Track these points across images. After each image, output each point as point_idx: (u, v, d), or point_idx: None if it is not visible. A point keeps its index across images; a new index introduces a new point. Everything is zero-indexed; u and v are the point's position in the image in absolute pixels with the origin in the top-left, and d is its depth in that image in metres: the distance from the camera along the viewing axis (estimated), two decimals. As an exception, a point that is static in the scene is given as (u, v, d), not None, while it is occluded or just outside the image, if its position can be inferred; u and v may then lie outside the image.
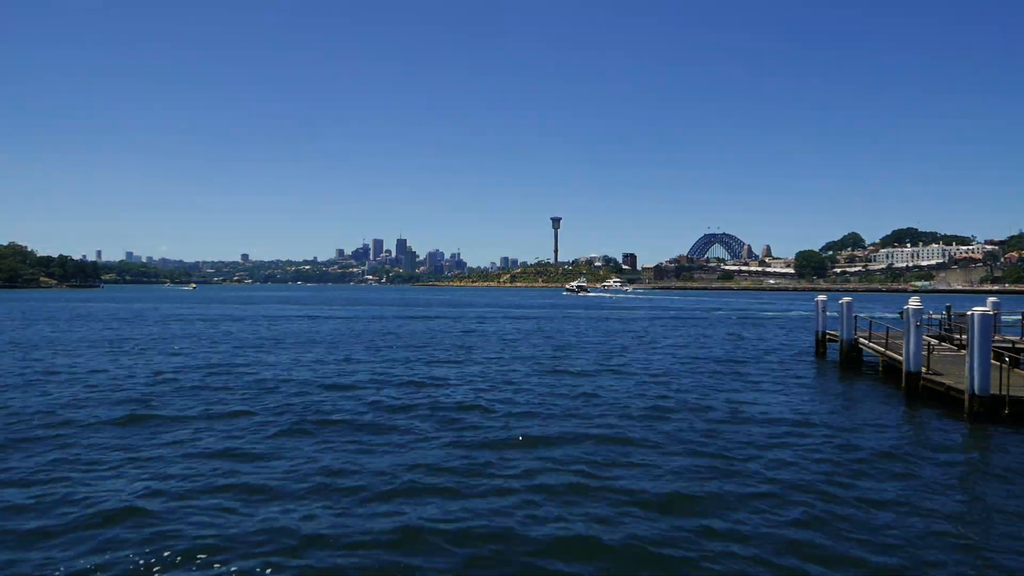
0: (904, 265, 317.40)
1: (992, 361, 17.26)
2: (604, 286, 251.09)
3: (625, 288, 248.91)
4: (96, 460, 13.26)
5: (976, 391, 16.95)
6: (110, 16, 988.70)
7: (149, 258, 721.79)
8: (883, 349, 24.96)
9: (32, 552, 9.00)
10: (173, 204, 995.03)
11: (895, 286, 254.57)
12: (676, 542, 9.44)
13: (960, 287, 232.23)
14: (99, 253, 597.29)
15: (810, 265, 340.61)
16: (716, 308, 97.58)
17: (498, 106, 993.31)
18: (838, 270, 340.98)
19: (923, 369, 20.82)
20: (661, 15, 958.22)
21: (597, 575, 8.55)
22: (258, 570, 8.53)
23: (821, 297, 33.88)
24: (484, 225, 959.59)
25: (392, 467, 12.84)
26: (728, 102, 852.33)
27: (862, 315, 30.93)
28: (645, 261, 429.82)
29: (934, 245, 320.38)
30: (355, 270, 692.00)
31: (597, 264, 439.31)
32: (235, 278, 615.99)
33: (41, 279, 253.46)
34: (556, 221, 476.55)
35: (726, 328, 54.18)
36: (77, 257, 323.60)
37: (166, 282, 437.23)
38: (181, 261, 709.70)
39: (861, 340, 28.58)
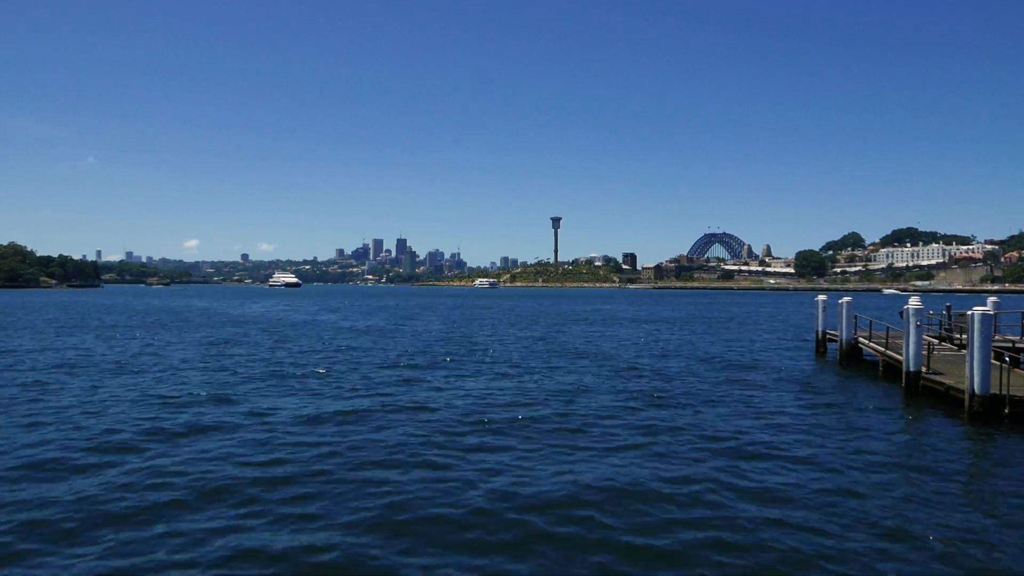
0: (904, 265, 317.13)
1: (992, 361, 17.23)
2: None
3: None
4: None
5: (976, 391, 16.92)
6: (110, 12, 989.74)
7: (149, 258, 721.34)
8: (883, 349, 24.92)
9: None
10: (173, 204, 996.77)
11: (896, 286, 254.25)
12: (669, 538, 9.43)
13: (960, 287, 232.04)
14: (99, 253, 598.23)
15: (810, 265, 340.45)
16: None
17: (498, 105, 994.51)
18: (838, 270, 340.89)
19: (923, 369, 20.80)
20: (662, 15, 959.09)
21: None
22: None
23: (821, 297, 33.83)
24: (484, 225, 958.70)
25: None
26: (728, 102, 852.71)
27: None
28: (645, 261, 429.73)
29: (934, 245, 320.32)
30: (355, 270, 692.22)
31: (597, 264, 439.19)
32: (235, 278, 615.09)
33: (41, 279, 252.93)
34: (556, 221, 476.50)
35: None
36: (77, 257, 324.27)
37: (153, 282, 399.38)
38: (181, 261, 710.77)
39: (861, 340, 28.55)
